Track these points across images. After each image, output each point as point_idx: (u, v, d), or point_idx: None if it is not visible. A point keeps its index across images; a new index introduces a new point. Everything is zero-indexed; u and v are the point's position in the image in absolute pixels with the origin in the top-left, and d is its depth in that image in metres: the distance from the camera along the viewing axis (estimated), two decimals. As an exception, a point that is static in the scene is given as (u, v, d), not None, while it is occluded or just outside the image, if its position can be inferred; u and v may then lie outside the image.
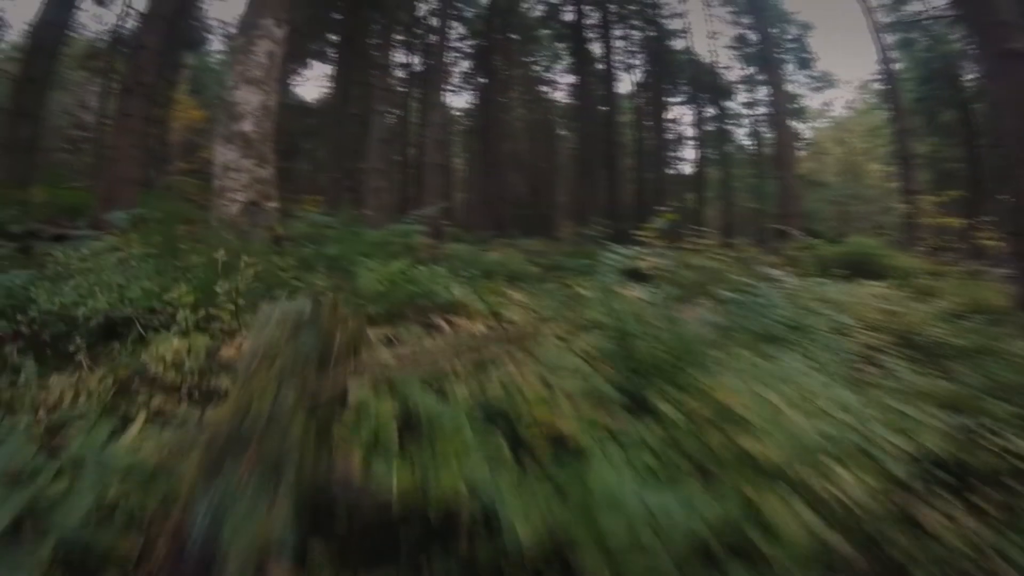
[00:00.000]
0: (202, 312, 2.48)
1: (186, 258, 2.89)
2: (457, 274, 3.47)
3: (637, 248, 4.35)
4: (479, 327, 2.57)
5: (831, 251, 8.54)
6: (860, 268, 7.39)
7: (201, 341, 2.31)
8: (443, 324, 2.63)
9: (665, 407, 1.55)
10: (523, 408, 1.55)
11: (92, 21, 24.27)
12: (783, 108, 15.67)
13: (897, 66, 20.05)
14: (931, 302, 4.45)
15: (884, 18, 21.27)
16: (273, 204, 4.31)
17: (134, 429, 1.59)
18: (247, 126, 4.22)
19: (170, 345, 2.20)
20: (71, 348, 2.18)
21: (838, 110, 47.63)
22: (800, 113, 29.04)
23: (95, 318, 2.34)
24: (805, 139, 33.50)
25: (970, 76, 26.15)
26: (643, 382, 1.71)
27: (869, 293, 4.63)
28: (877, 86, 35.93)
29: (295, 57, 27.15)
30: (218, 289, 2.47)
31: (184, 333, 2.31)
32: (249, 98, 4.28)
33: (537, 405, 1.56)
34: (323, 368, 1.41)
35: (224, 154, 4.14)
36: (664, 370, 1.75)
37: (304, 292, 2.80)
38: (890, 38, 21.43)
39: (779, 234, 14.23)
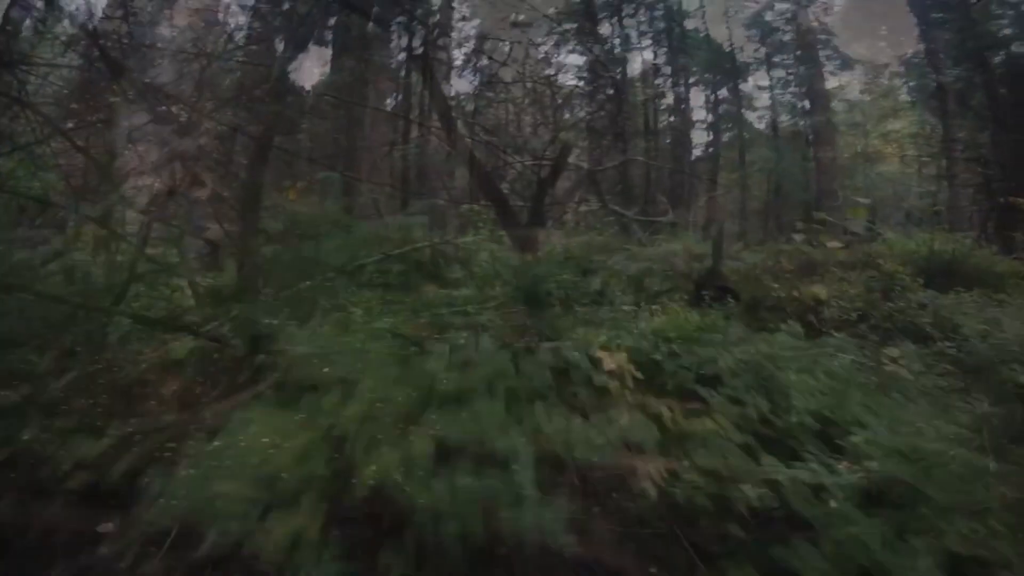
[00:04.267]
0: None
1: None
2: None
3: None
4: None
5: (909, 250, 7.24)
6: (953, 273, 6.15)
7: None
8: None
9: None
10: None
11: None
12: (819, 84, 14.34)
13: (935, 46, 18.76)
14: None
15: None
16: (204, 192, 3.03)
17: None
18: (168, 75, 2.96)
19: None
20: None
21: (856, 92, 46.09)
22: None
23: None
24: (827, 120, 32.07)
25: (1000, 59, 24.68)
26: None
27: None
28: (902, 68, 34.39)
29: (293, 41, 25.68)
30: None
31: None
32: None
33: None
34: None
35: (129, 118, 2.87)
36: None
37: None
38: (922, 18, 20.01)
39: (815, 224, 12.87)
